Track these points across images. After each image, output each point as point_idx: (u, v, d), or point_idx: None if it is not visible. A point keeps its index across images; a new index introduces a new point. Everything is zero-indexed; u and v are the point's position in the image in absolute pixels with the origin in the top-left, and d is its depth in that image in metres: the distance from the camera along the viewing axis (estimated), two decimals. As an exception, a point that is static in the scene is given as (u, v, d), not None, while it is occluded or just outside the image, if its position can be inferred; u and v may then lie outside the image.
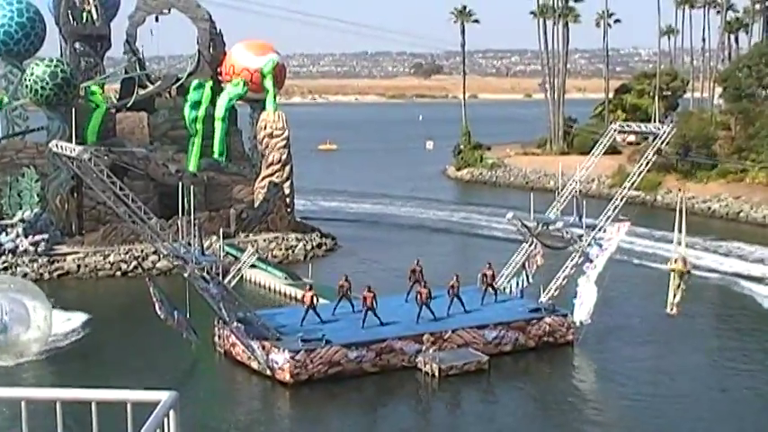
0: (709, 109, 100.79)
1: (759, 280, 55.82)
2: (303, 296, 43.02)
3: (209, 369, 41.73)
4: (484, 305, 44.09)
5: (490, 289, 44.71)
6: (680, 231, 41.37)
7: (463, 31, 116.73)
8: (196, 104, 64.57)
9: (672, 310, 41.95)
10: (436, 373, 38.72)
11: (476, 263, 48.09)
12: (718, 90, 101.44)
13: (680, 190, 49.53)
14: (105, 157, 53.88)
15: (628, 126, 50.47)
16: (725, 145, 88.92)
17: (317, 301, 41.84)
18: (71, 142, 43.67)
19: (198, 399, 35.65)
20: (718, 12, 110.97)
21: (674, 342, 44.20)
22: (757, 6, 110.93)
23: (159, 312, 39.87)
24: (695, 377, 39.53)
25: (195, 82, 65.14)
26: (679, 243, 42.00)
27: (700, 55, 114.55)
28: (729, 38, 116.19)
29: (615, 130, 48.64)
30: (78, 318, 47.26)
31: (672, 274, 41.90)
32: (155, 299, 39.76)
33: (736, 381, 38.99)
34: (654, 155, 45.53)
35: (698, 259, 61.80)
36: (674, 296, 41.83)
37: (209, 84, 65.16)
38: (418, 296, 41.92)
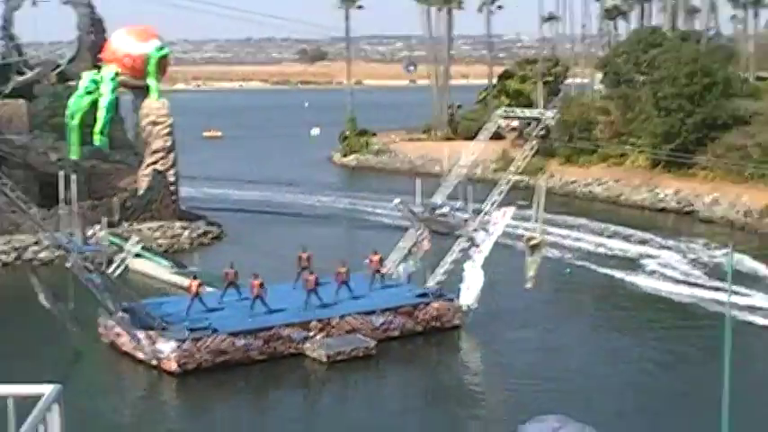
0: (590, 94, 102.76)
1: (634, 261, 57.22)
2: (189, 285, 42.56)
3: (94, 361, 41.00)
4: (371, 291, 44.22)
5: (377, 275, 44.85)
6: (537, 209, 42.45)
7: (347, 17, 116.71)
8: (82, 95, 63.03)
9: (529, 284, 42.92)
10: (324, 360, 38.74)
11: (363, 249, 48.22)
12: (599, 76, 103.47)
13: (541, 172, 50.61)
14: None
15: (512, 112, 51.16)
16: (605, 129, 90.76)
17: (203, 289, 41.44)
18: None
19: (83, 391, 34.98)
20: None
21: (559, 323, 45.08)
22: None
23: (43, 301, 39.06)
24: (579, 357, 40.40)
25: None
26: (536, 221, 42.93)
27: (580, 41, 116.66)
28: (609, 24, 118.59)
29: (499, 116, 49.21)
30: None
31: (527, 249, 42.85)
32: (37, 289, 38.94)
33: (616, 357, 40.02)
34: (537, 140, 46.20)
35: (577, 241, 63.17)
36: (529, 270, 42.81)
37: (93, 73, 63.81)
38: (306, 283, 41.85)
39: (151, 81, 65.81)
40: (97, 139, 63.04)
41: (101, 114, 63.19)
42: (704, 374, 36.29)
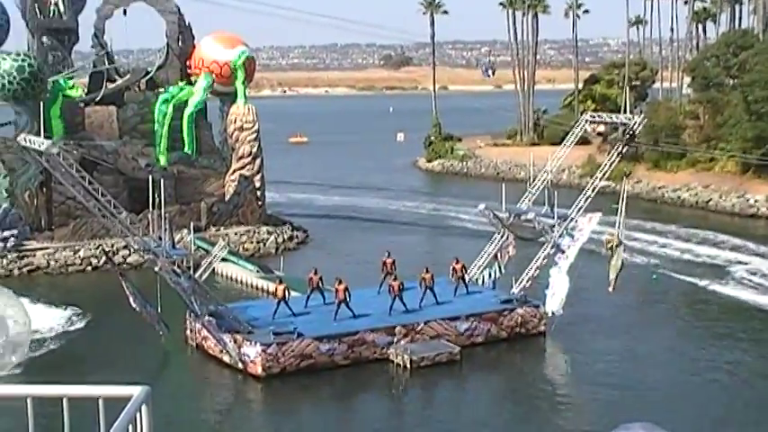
0: (678, 98, 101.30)
1: (724, 268, 56.24)
2: (275, 289, 42.91)
3: (182, 363, 41.60)
4: (456, 297, 44.12)
5: (461, 282, 44.70)
6: (621, 213, 42.05)
7: (432, 23, 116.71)
8: (166, 101, 64.11)
9: (610, 288, 42.52)
10: (408, 365, 38.76)
11: (447, 254, 48.17)
12: (687, 80, 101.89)
13: (625, 176, 50.06)
14: (74, 152, 53.60)
15: (598, 117, 50.65)
16: (694, 134, 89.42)
17: (289, 294, 41.74)
18: (39, 136, 43.33)
19: (170, 393, 35.51)
20: (686, 2, 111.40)
21: (644, 331, 44.47)
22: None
23: (134, 305, 39.82)
24: (665, 365, 39.80)
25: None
26: (618, 225, 42.51)
27: (668, 45, 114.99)
28: (697, 28, 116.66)
29: (586, 121, 48.79)
30: (54, 314, 46.96)
31: (609, 251, 42.43)
32: (128, 291, 39.67)
33: (703, 366, 39.33)
34: (625, 145, 45.70)
35: (665, 247, 62.28)
36: (611, 273, 42.39)
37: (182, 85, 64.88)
38: (390, 288, 41.91)
39: (238, 87, 66.63)
40: (186, 147, 64.07)
41: (185, 122, 64.19)
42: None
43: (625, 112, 47.49)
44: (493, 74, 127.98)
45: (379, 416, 35.70)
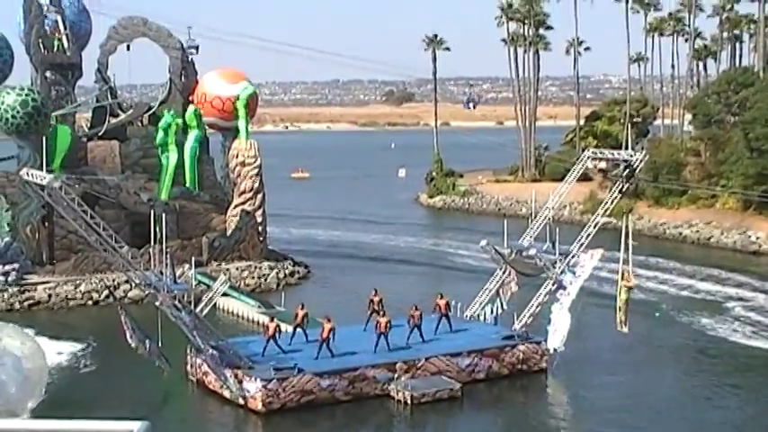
0: (679, 135, 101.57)
1: (726, 305, 56.15)
2: (266, 326, 42.67)
3: (182, 398, 41.45)
4: (437, 336, 43.69)
5: (445, 318, 44.37)
6: (625, 250, 41.84)
7: (435, 59, 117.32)
8: (166, 129, 64.24)
9: (623, 328, 42.34)
10: (408, 401, 38.61)
11: (447, 291, 48.01)
12: (688, 116, 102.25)
13: (628, 212, 50.05)
14: (76, 186, 53.63)
15: (600, 153, 50.77)
16: (695, 171, 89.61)
17: (281, 331, 41.46)
18: (41, 171, 43.42)
19: (170, 428, 35.37)
20: (687, 39, 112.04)
21: (646, 369, 44.35)
22: (725, 34, 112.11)
23: (130, 341, 39.71)
24: (667, 405, 39.62)
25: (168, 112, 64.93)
26: (624, 262, 42.33)
27: (669, 82, 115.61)
28: (698, 65, 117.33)
29: (588, 157, 48.89)
30: (56, 347, 46.83)
31: (619, 290, 42.27)
32: (126, 327, 39.59)
33: (708, 408, 39.17)
34: (627, 182, 45.76)
35: (666, 284, 62.21)
36: (622, 313, 42.22)
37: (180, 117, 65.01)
38: (377, 325, 41.68)
39: (240, 122, 66.88)
40: (188, 182, 64.23)
41: (187, 156, 64.37)
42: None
43: (626, 148, 47.63)
44: (474, 107, 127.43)
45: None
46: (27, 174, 42.66)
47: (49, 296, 57.56)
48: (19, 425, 5.82)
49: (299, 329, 42.42)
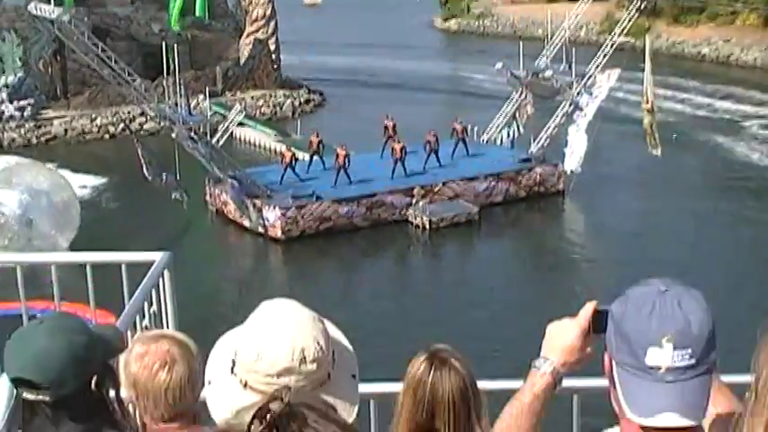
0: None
1: (742, 125, 55.83)
2: (283, 154, 42.67)
3: (202, 228, 41.92)
4: (468, 156, 43.73)
5: (462, 143, 44.24)
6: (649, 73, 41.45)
7: None
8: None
9: (654, 150, 42.20)
10: (427, 226, 38.95)
11: (465, 115, 47.75)
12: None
13: (647, 29, 49.26)
14: (86, 19, 53.02)
15: (617, -30, 49.70)
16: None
17: (296, 159, 41.55)
18: (50, 4, 42.79)
19: (192, 257, 35.84)
20: None
21: (663, 193, 44.37)
22: None
23: (146, 173, 39.87)
24: (683, 229, 39.82)
25: None
26: (645, 83, 41.96)
27: None
28: None
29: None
30: (77, 180, 47.11)
31: (645, 114, 42.05)
32: (142, 160, 39.71)
33: (725, 232, 39.36)
34: (645, 0, 44.89)
35: (684, 103, 61.77)
36: (650, 136, 42.08)
37: None
38: (392, 152, 41.62)
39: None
40: (197, 11, 63.32)
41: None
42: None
43: (645, -35, 46.42)
44: None
45: (397, 276, 36.07)
46: (36, 8, 42.11)
47: (66, 131, 57.61)
48: (42, 258, 5.84)
49: (315, 157, 42.47)
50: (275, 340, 2.44)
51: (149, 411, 3.41)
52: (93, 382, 2.82)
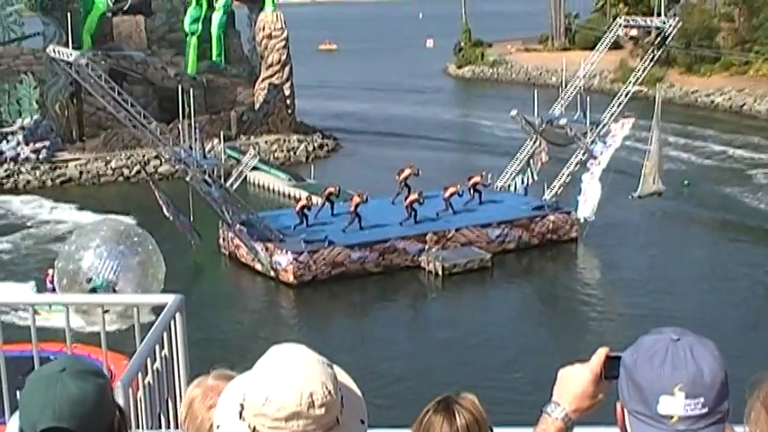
0: (713, 0, 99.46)
1: (754, 175, 55.78)
2: (298, 199, 42.77)
3: (215, 271, 41.95)
4: (481, 204, 43.79)
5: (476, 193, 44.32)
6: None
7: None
8: (195, 20, 63.52)
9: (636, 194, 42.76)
10: (440, 272, 38.90)
11: (479, 162, 47.87)
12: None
13: (660, 79, 49.46)
14: (103, 62, 53.47)
15: (633, 20, 49.89)
16: (728, 37, 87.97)
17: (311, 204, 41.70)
18: (68, 47, 43.20)
19: (204, 301, 35.86)
20: None
21: (676, 238, 44.34)
22: None
23: (167, 213, 40.03)
24: (695, 270, 39.73)
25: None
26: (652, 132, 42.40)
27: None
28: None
29: (620, 25, 48.07)
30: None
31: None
32: (161, 201, 39.86)
33: (737, 274, 39.25)
34: (659, 49, 45.07)
35: (696, 152, 61.75)
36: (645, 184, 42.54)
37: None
38: (405, 199, 41.75)
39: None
40: (214, 55, 63.81)
41: (214, 31, 63.80)
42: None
43: (659, 15, 46.63)
44: None
45: (410, 321, 35.95)
46: (54, 51, 42.51)
47: (80, 173, 57.91)
48: (58, 299, 5.85)
49: (327, 203, 42.57)
50: (283, 384, 2.44)
51: None
52: (115, 424, 2.81)
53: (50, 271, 36.47)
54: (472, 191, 44.11)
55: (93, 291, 33.36)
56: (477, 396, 3.58)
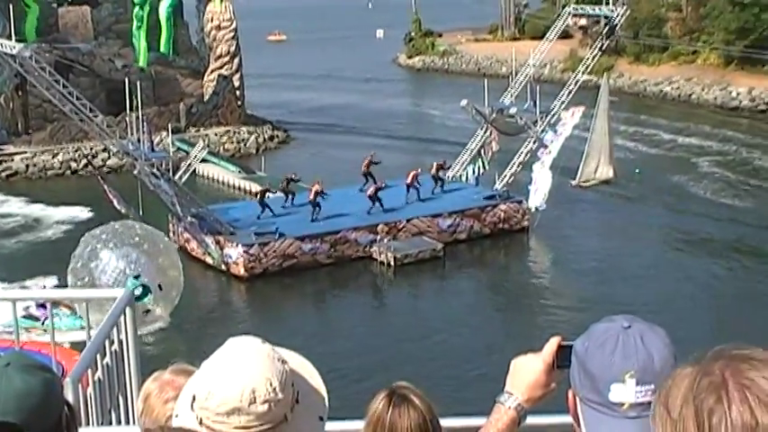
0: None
1: (700, 163, 56.38)
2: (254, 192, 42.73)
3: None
4: (432, 194, 43.93)
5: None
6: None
7: None
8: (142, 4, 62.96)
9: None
10: (391, 263, 38.94)
11: (431, 151, 47.98)
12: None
13: (609, 69, 49.89)
14: (48, 54, 52.82)
15: (581, 9, 50.19)
16: (676, 27, 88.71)
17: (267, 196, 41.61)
18: (11, 39, 42.57)
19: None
20: None
21: (626, 224, 44.69)
22: None
23: (118, 206, 39.62)
24: (646, 258, 40.11)
25: None
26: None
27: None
28: None
29: (570, 13, 48.33)
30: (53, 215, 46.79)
31: None
32: (111, 195, 39.49)
33: (685, 260, 39.68)
34: (607, 39, 45.37)
35: (646, 141, 62.29)
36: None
37: None
38: (369, 189, 41.83)
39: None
40: (162, 47, 63.26)
41: (163, 21, 63.28)
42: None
43: (608, 4, 46.95)
44: None
45: (363, 313, 35.97)
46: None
47: (27, 166, 57.19)
48: (5, 294, 5.77)
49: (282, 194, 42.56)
50: (227, 379, 2.42)
51: None
52: (63, 420, 2.77)
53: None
54: (436, 179, 44.21)
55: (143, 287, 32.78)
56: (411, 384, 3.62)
